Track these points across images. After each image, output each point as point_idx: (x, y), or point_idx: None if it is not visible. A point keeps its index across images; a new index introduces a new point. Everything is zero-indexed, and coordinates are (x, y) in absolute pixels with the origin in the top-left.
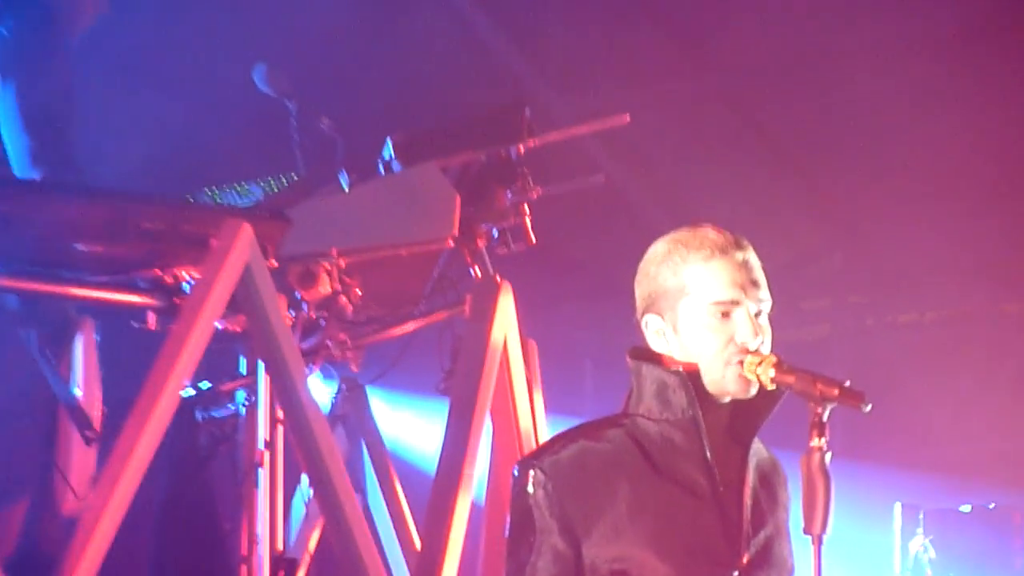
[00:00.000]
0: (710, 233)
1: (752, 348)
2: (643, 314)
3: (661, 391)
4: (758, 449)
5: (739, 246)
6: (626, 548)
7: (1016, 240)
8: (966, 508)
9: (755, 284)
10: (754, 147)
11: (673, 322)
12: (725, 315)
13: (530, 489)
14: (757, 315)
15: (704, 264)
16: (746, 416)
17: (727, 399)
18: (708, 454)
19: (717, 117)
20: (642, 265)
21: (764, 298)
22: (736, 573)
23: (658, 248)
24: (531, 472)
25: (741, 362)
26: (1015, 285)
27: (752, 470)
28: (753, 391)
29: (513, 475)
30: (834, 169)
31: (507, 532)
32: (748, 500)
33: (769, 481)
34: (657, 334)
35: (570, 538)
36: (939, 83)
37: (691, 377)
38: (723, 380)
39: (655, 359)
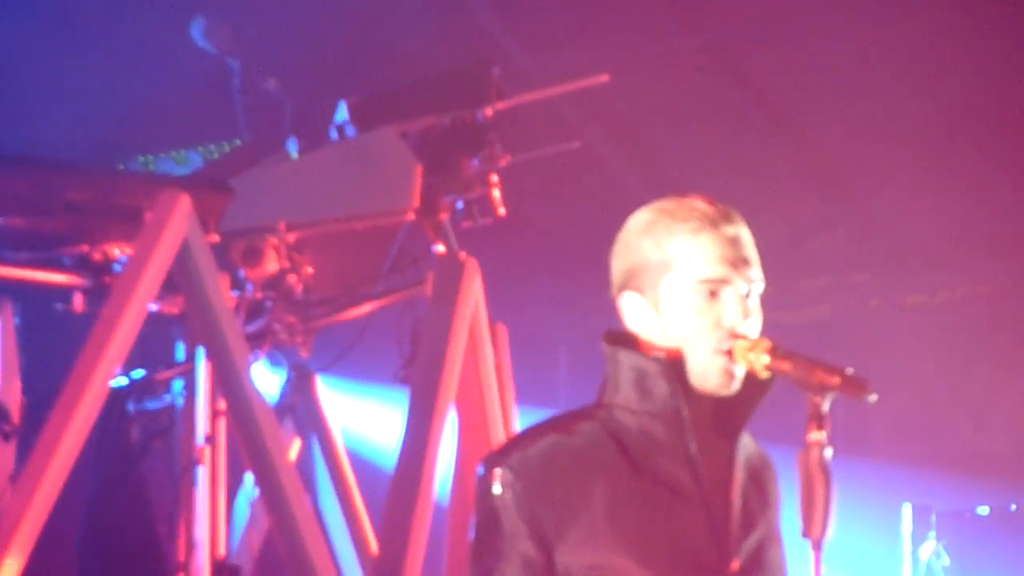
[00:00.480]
0: (699, 204)
1: (741, 332)
2: (621, 291)
3: (640, 380)
4: (746, 443)
5: (730, 219)
6: (603, 553)
7: None
8: (984, 510)
9: (746, 262)
10: (746, 112)
11: (654, 301)
12: (712, 294)
13: (496, 489)
14: (747, 296)
15: (691, 237)
16: (733, 407)
17: (707, 393)
18: (693, 449)
19: (705, 78)
20: (622, 236)
21: (756, 278)
22: None
23: (641, 218)
24: (497, 471)
25: (730, 351)
26: None
27: (741, 467)
28: (735, 387)
29: (478, 474)
30: (836, 135)
31: (472, 536)
32: (737, 500)
33: (759, 478)
34: (636, 313)
35: (541, 543)
36: (953, 48)
37: (674, 365)
38: (705, 371)
39: (633, 344)
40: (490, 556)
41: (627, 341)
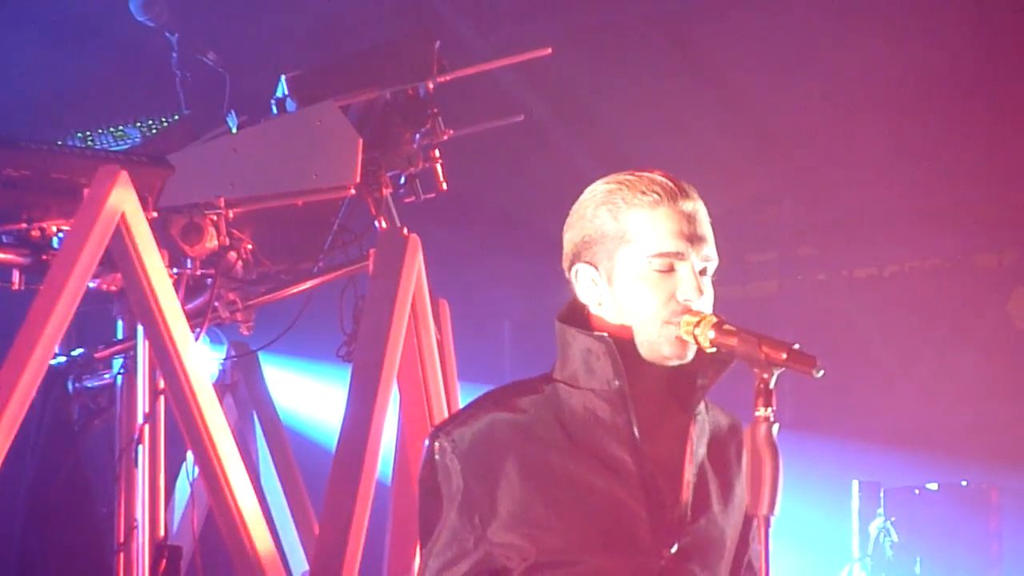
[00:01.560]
0: (658, 178)
1: (695, 307)
2: (573, 262)
3: (586, 358)
4: (714, 416)
5: (688, 195)
6: (535, 530)
7: (989, 183)
8: (933, 486)
9: (702, 239)
10: (692, 84)
11: (608, 273)
12: (667, 269)
13: (436, 460)
14: (702, 273)
15: (649, 211)
16: (687, 384)
17: (664, 364)
18: (635, 430)
19: (651, 50)
20: (576, 207)
21: (711, 256)
22: (663, 562)
23: (597, 189)
24: (437, 444)
25: (675, 326)
26: (988, 234)
27: (699, 444)
28: (690, 354)
29: (424, 446)
30: (783, 107)
31: (419, 504)
32: (689, 479)
33: (724, 452)
34: (588, 285)
35: (475, 517)
36: (904, 17)
37: (620, 344)
38: (658, 341)
39: (585, 321)
40: (429, 525)
41: (578, 318)
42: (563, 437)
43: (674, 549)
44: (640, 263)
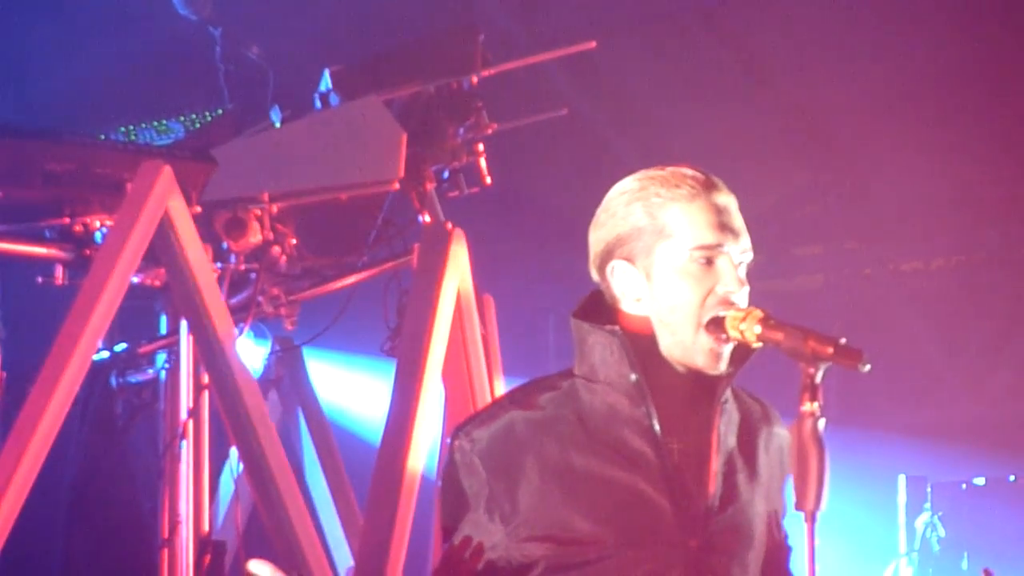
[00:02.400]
0: (687, 171)
1: (736, 300)
2: (606, 260)
3: (603, 353)
4: (744, 403)
5: (719, 188)
6: (556, 528)
7: None
8: (980, 481)
9: (738, 231)
10: (737, 77)
11: (647, 269)
12: (708, 262)
13: (457, 459)
14: (738, 265)
15: (686, 204)
16: (711, 376)
17: (689, 369)
18: (655, 423)
19: (696, 43)
20: (607, 204)
21: (746, 247)
22: (688, 555)
23: (628, 186)
24: (458, 443)
25: (721, 321)
26: None
27: (728, 434)
28: (723, 366)
29: (446, 445)
30: (828, 101)
31: (438, 506)
32: (717, 469)
33: (753, 441)
34: (625, 282)
35: (495, 513)
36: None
37: (636, 339)
38: (693, 348)
39: (610, 315)
40: (450, 522)
41: (602, 310)
42: (583, 433)
43: (701, 540)
44: (680, 256)
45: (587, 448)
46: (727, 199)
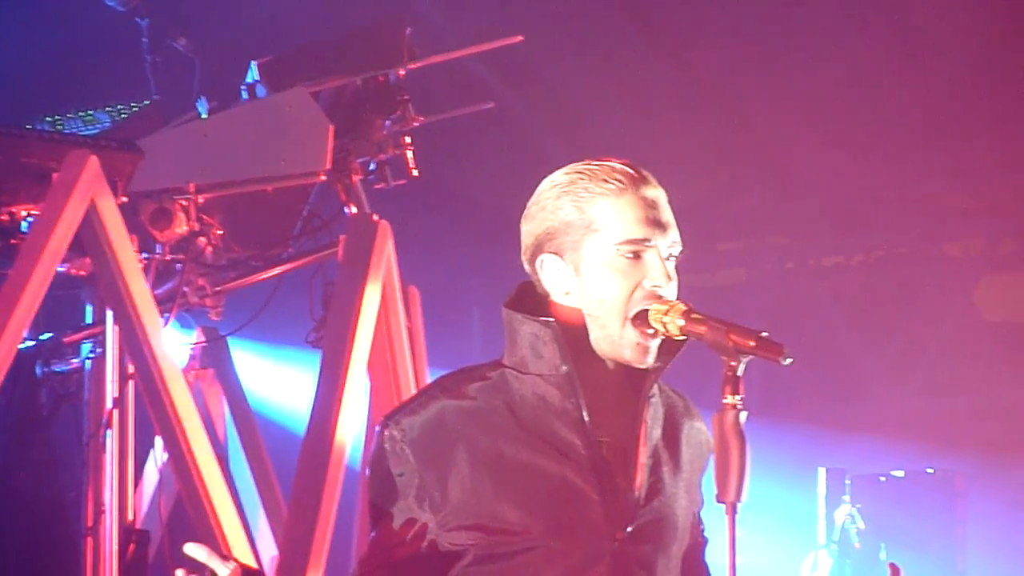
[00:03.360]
0: (617, 165)
1: (663, 294)
2: (536, 253)
3: (534, 344)
4: (668, 398)
5: (649, 182)
6: (485, 518)
7: (955, 174)
8: (899, 473)
9: (667, 225)
10: (666, 75)
11: (575, 263)
12: (635, 256)
13: (387, 447)
14: (667, 259)
15: (614, 199)
16: (640, 369)
17: (617, 363)
18: (584, 414)
19: (623, 37)
20: (536, 197)
21: (676, 240)
22: (616, 544)
23: (558, 179)
24: (387, 432)
25: (645, 314)
26: (955, 224)
27: (654, 427)
28: (650, 359)
29: (374, 434)
30: (753, 98)
31: (368, 493)
32: (644, 461)
33: (677, 433)
34: (554, 276)
35: (425, 502)
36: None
37: (569, 330)
38: (620, 343)
39: (541, 307)
40: (379, 510)
41: (532, 302)
42: (513, 423)
43: (628, 531)
44: (607, 251)
45: (517, 438)
46: (656, 193)
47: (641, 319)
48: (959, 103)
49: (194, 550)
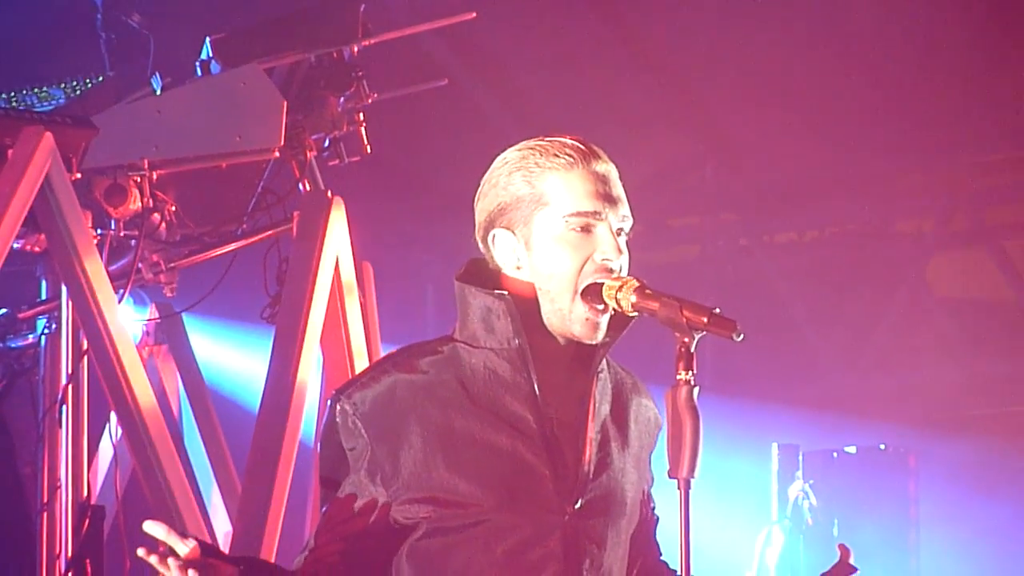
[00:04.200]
0: (568, 141)
1: (613, 267)
2: (489, 229)
3: (486, 317)
4: (616, 375)
5: (599, 157)
6: (437, 491)
7: (908, 151)
8: (851, 449)
9: (617, 199)
10: (615, 50)
11: (526, 237)
12: (585, 229)
13: (338, 421)
14: (618, 233)
15: (564, 173)
16: (589, 344)
17: (567, 339)
18: (536, 388)
19: (574, 15)
20: (489, 175)
21: (626, 215)
22: (566, 518)
23: (509, 156)
24: (339, 406)
25: (598, 288)
26: (908, 201)
27: (602, 403)
28: (600, 336)
29: (326, 408)
30: (704, 74)
31: (319, 467)
32: (592, 436)
33: (624, 409)
34: (506, 251)
35: (377, 475)
36: None
37: (522, 303)
38: (570, 318)
39: (493, 281)
40: (330, 484)
41: (484, 277)
42: (464, 397)
43: (578, 505)
44: (557, 224)
45: (469, 412)
46: (606, 168)
47: (592, 294)
48: (911, 80)
49: (153, 528)
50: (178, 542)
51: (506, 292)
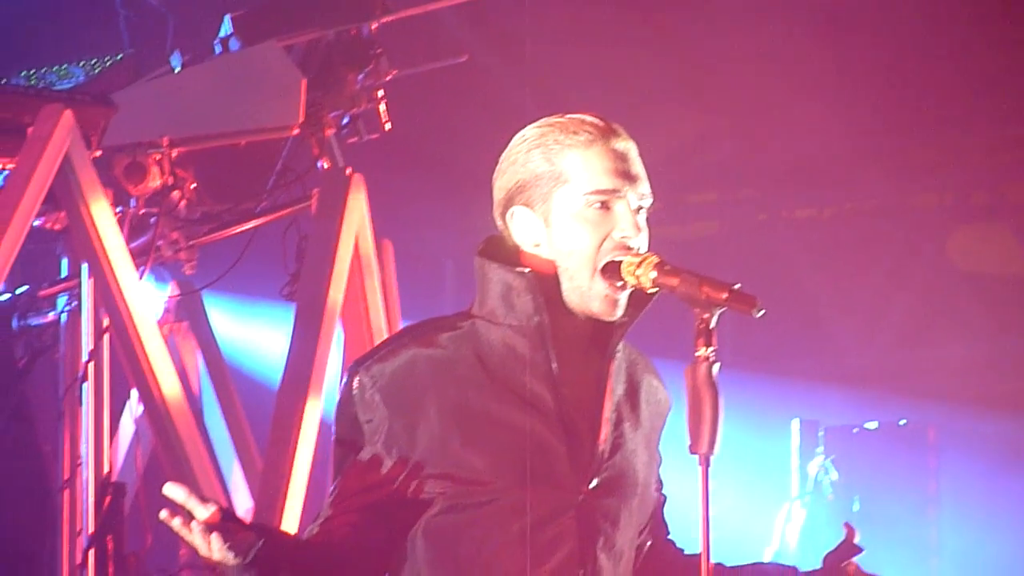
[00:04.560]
0: (587, 118)
1: (633, 245)
2: (507, 206)
3: (506, 294)
4: (633, 358)
5: (618, 134)
6: (452, 468)
7: (928, 125)
8: (872, 425)
9: (636, 177)
10: (634, 27)
11: (545, 215)
12: (604, 207)
13: (356, 394)
14: (637, 211)
15: (584, 150)
16: (607, 324)
17: (587, 316)
18: (554, 366)
19: None
20: (508, 152)
21: (645, 192)
22: (581, 498)
23: (528, 133)
24: (357, 379)
25: (618, 265)
26: (928, 175)
27: (619, 382)
28: (619, 313)
29: (343, 380)
30: (722, 50)
31: (333, 439)
32: (608, 416)
33: (637, 390)
34: (525, 228)
35: (393, 449)
36: None
37: (541, 280)
38: (589, 295)
39: (512, 258)
40: (346, 458)
41: (503, 255)
42: (482, 374)
43: (593, 485)
44: (576, 202)
45: (487, 389)
46: (626, 145)
47: (611, 271)
48: (932, 54)
49: (173, 490)
50: (198, 506)
51: (528, 269)
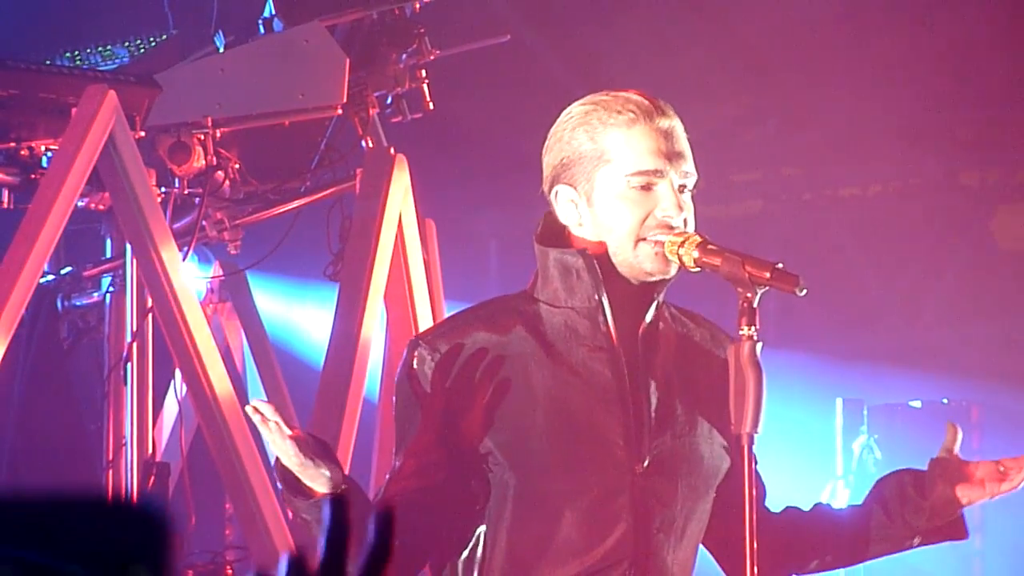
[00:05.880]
0: (633, 96)
1: (675, 224)
2: (552, 184)
3: (566, 276)
4: (686, 327)
5: (664, 113)
6: (510, 445)
7: (972, 103)
8: (916, 403)
9: (680, 155)
10: (679, 7)
11: (587, 193)
12: (646, 187)
13: (415, 365)
14: (681, 189)
15: (626, 130)
16: (644, 293)
17: (645, 280)
18: (616, 345)
19: None
20: (554, 129)
21: (689, 171)
22: (634, 478)
23: (574, 111)
24: (417, 352)
25: (660, 246)
26: (972, 153)
27: (666, 356)
28: (673, 270)
29: (404, 353)
30: (766, 27)
31: (394, 409)
32: (655, 390)
33: (694, 363)
34: (568, 207)
35: (452, 418)
36: None
37: (597, 259)
38: (637, 259)
39: (563, 240)
40: (407, 425)
41: (556, 237)
42: (543, 354)
43: (645, 464)
44: (619, 182)
45: (546, 370)
46: (670, 123)
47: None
48: (977, 30)
49: (260, 404)
50: (283, 424)
51: (586, 250)
